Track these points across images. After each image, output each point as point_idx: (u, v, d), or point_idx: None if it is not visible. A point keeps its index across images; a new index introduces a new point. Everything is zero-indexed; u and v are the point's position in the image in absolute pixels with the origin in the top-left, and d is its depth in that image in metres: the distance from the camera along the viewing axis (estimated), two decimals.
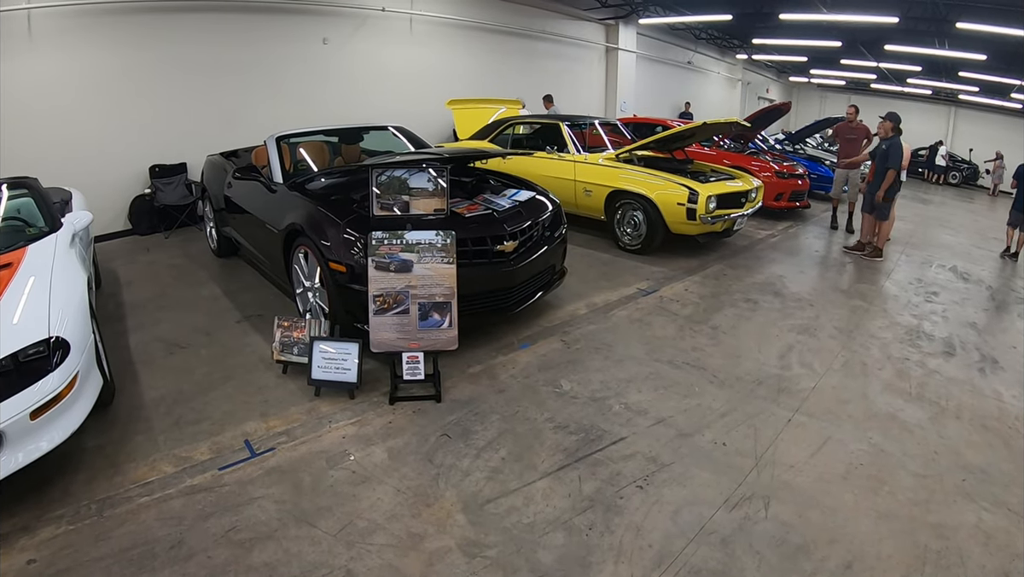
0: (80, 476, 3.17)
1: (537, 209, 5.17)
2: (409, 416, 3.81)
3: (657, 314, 5.68)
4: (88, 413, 3.17)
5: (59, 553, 2.64)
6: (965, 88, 22.08)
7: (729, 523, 2.96)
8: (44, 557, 2.62)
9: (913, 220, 12.13)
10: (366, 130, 6.65)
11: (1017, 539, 2.98)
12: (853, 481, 3.36)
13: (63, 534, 2.75)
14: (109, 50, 7.55)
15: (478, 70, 12.85)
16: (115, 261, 6.88)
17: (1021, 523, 3.10)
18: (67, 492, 3.04)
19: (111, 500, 2.99)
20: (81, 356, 3.15)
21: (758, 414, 4.02)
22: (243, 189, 5.81)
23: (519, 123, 9.45)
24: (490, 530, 2.85)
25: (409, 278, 3.94)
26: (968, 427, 4.06)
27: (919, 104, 27.16)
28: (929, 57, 17.01)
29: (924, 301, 6.71)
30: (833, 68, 23.47)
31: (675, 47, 20.09)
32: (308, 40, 9.80)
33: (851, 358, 5.00)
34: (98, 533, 2.76)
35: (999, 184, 22.53)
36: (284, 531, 2.80)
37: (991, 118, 25.71)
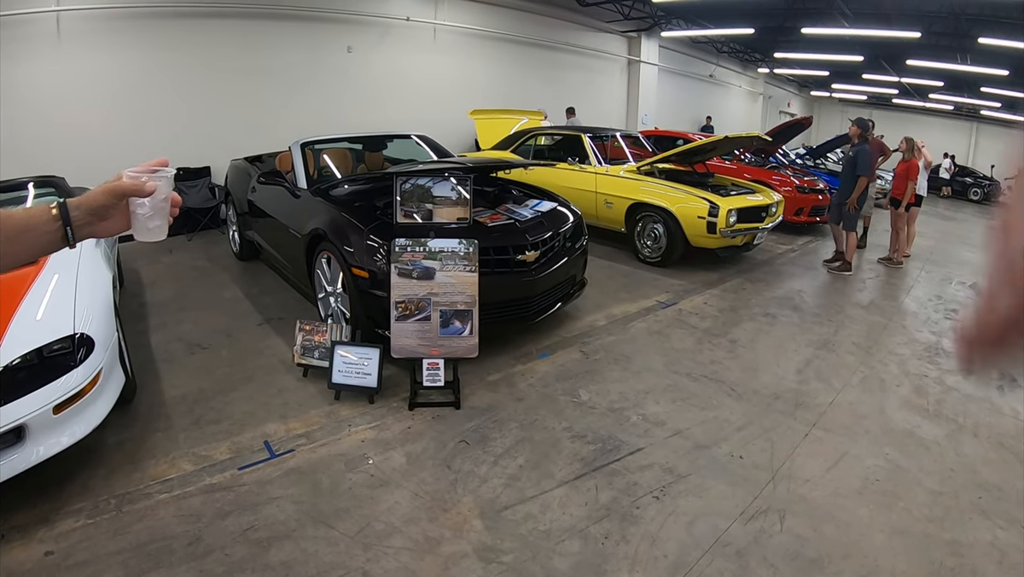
0: (100, 471, 3.24)
1: (559, 220, 5.21)
2: (428, 422, 3.85)
3: (676, 327, 5.69)
4: (110, 409, 3.24)
5: (77, 546, 2.69)
6: (987, 104, 21.96)
7: (744, 535, 2.97)
8: (62, 549, 2.67)
9: (933, 236, 12.03)
10: (390, 138, 6.72)
11: None
12: (869, 496, 3.36)
13: (81, 527, 2.81)
14: (136, 53, 7.70)
15: (501, 80, 12.95)
16: (138, 261, 6.99)
17: None
18: (87, 486, 3.11)
19: (130, 496, 3.05)
20: (105, 353, 3.22)
21: (775, 428, 4.02)
22: (267, 194, 5.89)
23: (541, 134, 9.50)
24: (506, 536, 2.88)
25: (431, 285, 3.99)
26: (985, 445, 4.04)
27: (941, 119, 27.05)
28: (951, 72, 16.96)
29: (943, 318, 6.67)
30: (855, 83, 23.45)
31: (697, 60, 20.16)
32: (333, 48, 9.95)
33: (869, 374, 4.98)
34: (116, 528, 2.82)
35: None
36: (302, 531, 2.84)
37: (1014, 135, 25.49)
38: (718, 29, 16.24)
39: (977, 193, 24.15)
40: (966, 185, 24.41)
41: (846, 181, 8.02)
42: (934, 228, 13.11)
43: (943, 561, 2.89)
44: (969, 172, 25.16)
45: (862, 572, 2.78)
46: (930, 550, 2.96)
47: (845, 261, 8.18)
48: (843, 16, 12.72)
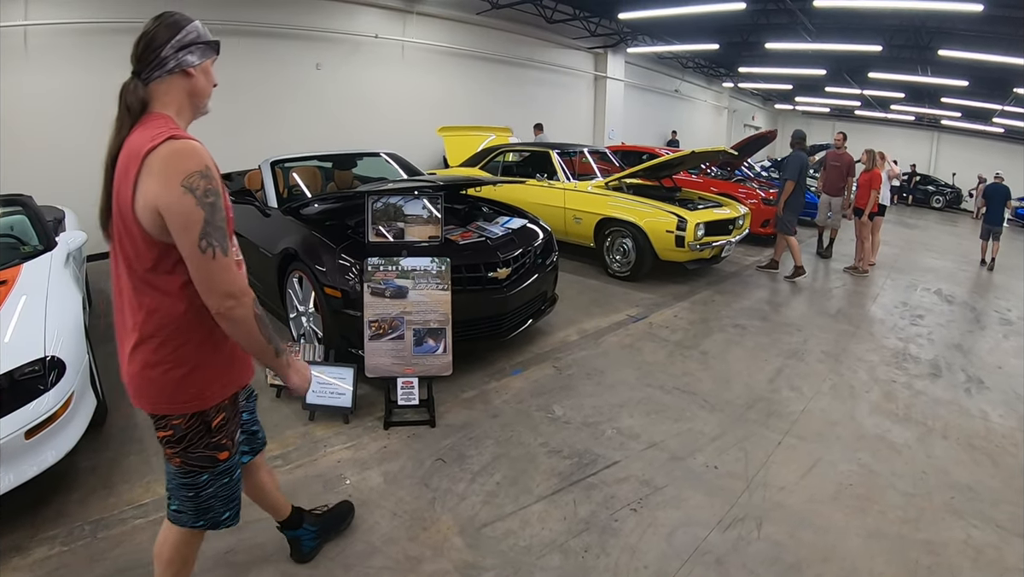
0: (74, 496, 3.17)
1: (529, 236, 5.24)
2: (404, 441, 3.83)
3: (647, 340, 5.74)
4: (82, 433, 3.18)
5: (53, 574, 2.63)
6: (948, 114, 22.49)
7: (723, 544, 3.00)
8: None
9: (898, 244, 12.30)
10: (359, 156, 6.70)
11: (1006, 554, 3.03)
12: (843, 501, 3.41)
13: (57, 555, 2.75)
14: (103, 70, 7.55)
15: (469, 97, 13.01)
16: (105, 281, 6.76)
17: (1009, 539, 3.15)
18: (61, 512, 3.04)
19: (105, 521, 2.99)
20: (76, 376, 3.17)
21: (749, 437, 4.06)
22: (236, 213, 5.79)
23: (509, 151, 9.55)
24: (487, 553, 2.87)
25: (404, 304, 3.98)
26: (955, 446, 4.13)
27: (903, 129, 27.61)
28: (912, 84, 17.36)
29: (910, 324, 6.81)
30: (818, 95, 23.88)
31: (663, 75, 20.41)
32: (301, 65, 9.92)
33: (839, 381, 5.07)
34: (92, 554, 2.76)
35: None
36: (282, 553, 2.80)
37: (973, 142, 26.13)
38: (683, 45, 16.47)
39: (939, 201, 24.70)
40: (928, 193, 24.98)
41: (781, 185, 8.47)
42: (898, 236, 13.40)
43: (919, 560, 2.95)
44: (931, 180, 25.75)
45: (841, 575, 2.83)
46: (906, 551, 3.02)
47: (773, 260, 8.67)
48: (806, 31, 12.98)
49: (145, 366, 1.87)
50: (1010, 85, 15.29)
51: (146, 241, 1.77)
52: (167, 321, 1.85)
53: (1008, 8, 10.52)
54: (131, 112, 1.84)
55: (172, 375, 1.88)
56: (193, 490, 2.06)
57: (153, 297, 1.84)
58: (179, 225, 1.70)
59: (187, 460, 2.00)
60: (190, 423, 1.95)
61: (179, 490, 2.07)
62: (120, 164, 1.79)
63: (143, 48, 1.87)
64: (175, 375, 1.88)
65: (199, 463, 2.02)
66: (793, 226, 8.32)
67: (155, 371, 1.87)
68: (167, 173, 1.70)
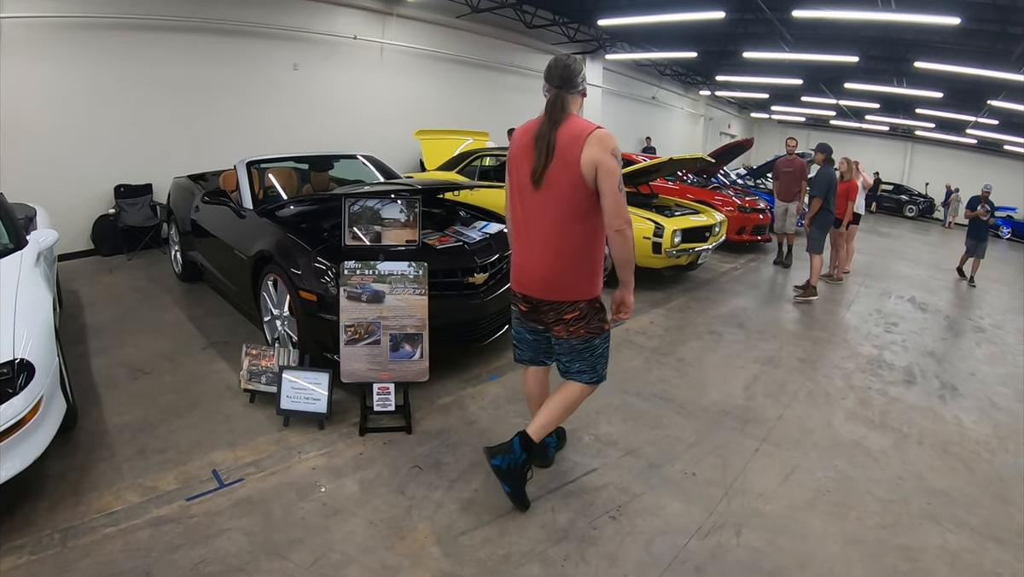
0: (42, 504, 3.07)
1: (507, 242, 5.18)
2: (380, 447, 3.77)
3: (624, 346, 5.72)
4: (51, 439, 3.09)
5: None
6: (922, 124, 22.83)
7: (702, 551, 2.98)
8: None
9: (871, 252, 12.43)
10: (336, 158, 6.63)
11: (982, 559, 3.07)
12: (821, 507, 3.42)
13: (25, 564, 2.66)
14: (80, 66, 7.50)
15: (447, 101, 12.96)
16: (76, 282, 6.74)
17: (985, 543, 3.19)
18: (29, 521, 2.94)
19: (75, 530, 2.90)
20: (46, 379, 3.06)
21: (726, 444, 4.06)
22: (211, 213, 5.76)
23: (486, 155, 9.51)
24: (465, 562, 2.83)
25: (381, 309, 3.93)
26: (930, 452, 4.17)
27: (877, 140, 27.97)
28: (887, 95, 17.60)
29: (884, 331, 6.88)
30: (794, 105, 24.10)
31: (640, 82, 20.50)
32: (278, 65, 9.82)
33: (815, 388, 5.09)
34: (62, 564, 2.67)
35: (955, 218, 23.25)
36: (255, 564, 2.74)
37: (947, 153, 26.57)
38: (662, 52, 16.55)
39: (912, 210, 25.07)
40: (901, 202, 25.34)
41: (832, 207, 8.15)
42: (872, 244, 13.55)
43: (896, 566, 2.97)
44: (904, 190, 26.12)
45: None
46: (884, 556, 3.04)
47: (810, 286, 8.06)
48: (784, 41, 13.10)
49: (564, 270, 2.99)
50: (984, 97, 15.52)
51: (583, 188, 2.83)
52: (581, 241, 2.96)
53: (984, 22, 10.73)
54: (561, 111, 2.89)
55: (582, 275, 3.03)
56: (589, 352, 3.18)
57: (575, 226, 2.92)
58: (607, 173, 2.78)
59: (589, 330, 3.12)
60: (590, 304, 3.11)
61: (581, 355, 3.19)
62: (563, 140, 2.82)
63: (567, 76, 2.93)
64: (584, 275, 3.04)
65: (595, 331, 3.15)
66: (822, 244, 8.17)
67: (572, 273, 3.01)
68: (601, 146, 2.78)
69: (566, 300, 3.04)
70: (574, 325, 3.08)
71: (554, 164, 2.82)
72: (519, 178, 3.00)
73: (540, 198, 2.91)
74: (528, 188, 2.93)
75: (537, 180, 2.88)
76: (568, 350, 3.18)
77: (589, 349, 3.17)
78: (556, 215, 2.89)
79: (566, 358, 3.23)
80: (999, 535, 3.27)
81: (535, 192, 2.91)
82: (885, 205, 25.04)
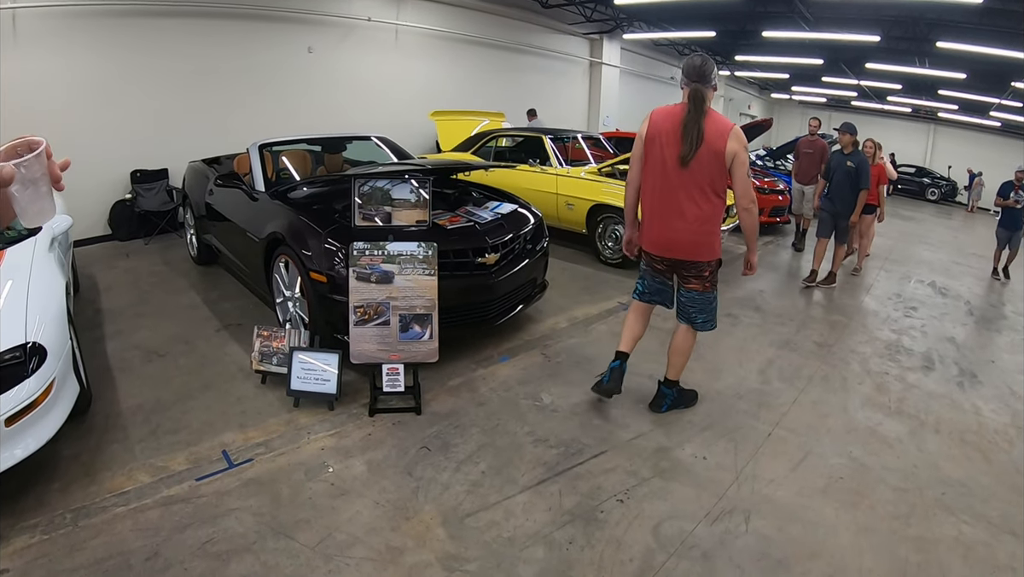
0: (55, 485, 3.10)
1: (519, 222, 5.17)
2: (388, 428, 3.78)
3: None
4: (64, 421, 3.11)
5: (33, 563, 2.58)
6: (944, 106, 22.43)
7: (710, 537, 2.95)
8: (17, 567, 2.55)
9: (892, 236, 12.25)
10: (349, 140, 6.62)
11: (997, 552, 2.99)
12: (833, 495, 3.37)
13: (37, 544, 2.69)
14: (94, 53, 7.51)
15: (462, 82, 12.89)
16: (94, 266, 6.80)
17: (1000, 536, 3.11)
18: (41, 501, 2.97)
19: (86, 509, 2.93)
20: (58, 362, 3.09)
21: (738, 428, 4.02)
22: (224, 197, 5.77)
23: (502, 136, 9.46)
24: (470, 544, 2.83)
25: (390, 289, 3.92)
26: (947, 441, 4.09)
27: (899, 121, 27.55)
28: (909, 75, 17.28)
29: (903, 316, 6.78)
30: (814, 85, 23.77)
31: (658, 62, 20.29)
32: (293, 48, 9.79)
33: (831, 373, 5.03)
34: (73, 543, 2.70)
35: (978, 201, 22.88)
36: (262, 543, 2.76)
37: (970, 136, 26.09)
38: (679, 32, 16.35)
39: (934, 193, 24.71)
40: (923, 185, 24.97)
41: (845, 194, 7.46)
42: (893, 228, 13.34)
43: (909, 558, 2.91)
44: (927, 172, 25.73)
45: (829, 571, 2.78)
46: (896, 547, 2.98)
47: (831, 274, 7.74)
48: (803, 20, 12.89)
49: (699, 235, 3.66)
50: (1008, 79, 15.21)
51: (722, 172, 3.55)
52: (713, 213, 3.65)
53: (1007, 1, 10.44)
54: (703, 103, 3.52)
55: (711, 239, 3.72)
56: (710, 304, 3.90)
57: (710, 201, 3.62)
58: (740, 163, 3.52)
59: (713, 285, 3.86)
60: (714, 264, 3.82)
61: (706, 306, 3.89)
62: (711, 132, 3.48)
63: (703, 72, 3.57)
64: (712, 240, 3.72)
65: (714, 286, 3.88)
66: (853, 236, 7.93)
67: (706, 238, 3.69)
68: (739, 140, 3.51)
69: (704, 260, 3.74)
70: (701, 281, 3.81)
71: (702, 150, 3.48)
72: (663, 157, 3.61)
73: (685, 175, 3.56)
74: (675, 166, 3.56)
75: (686, 161, 3.51)
76: (697, 302, 3.87)
77: (710, 300, 3.89)
78: (699, 190, 3.58)
79: (693, 310, 3.90)
80: (1015, 528, 3.20)
81: (682, 170, 3.55)
82: (907, 189, 24.67)
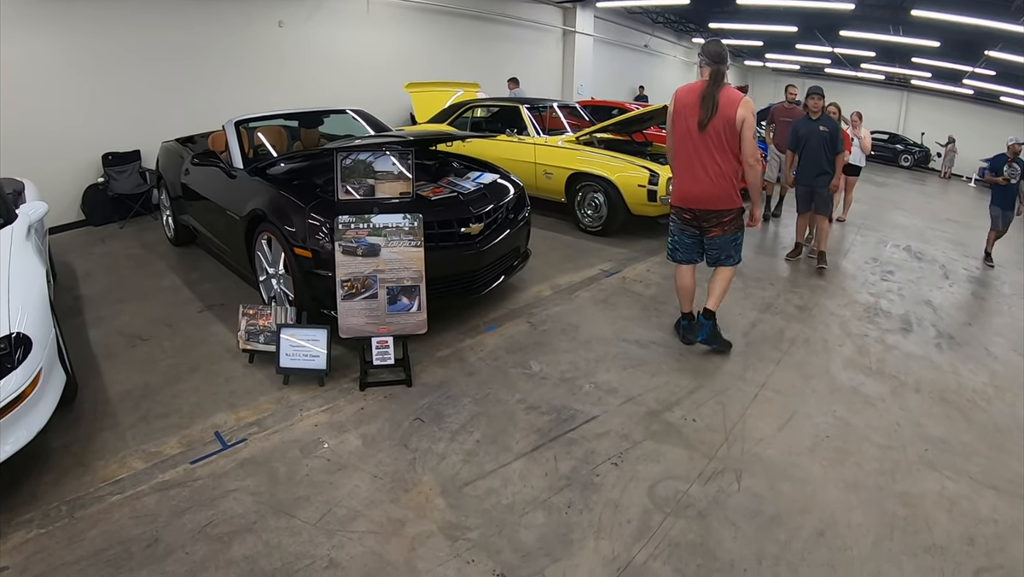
0: (48, 477, 3.06)
1: (501, 192, 5.16)
2: (381, 401, 3.78)
3: (621, 295, 5.73)
4: (52, 411, 3.05)
5: (32, 558, 2.54)
6: (918, 74, 22.53)
7: (704, 496, 3.01)
8: (17, 563, 2.52)
9: (868, 202, 12.37)
10: (325, 114, 6.53)
11: (979, 505, 3.09)
12: (820, 453, 3.44)
13: (34, 538, 2.65)
14: (58, 35, 7.31)
15: (436, 53, 12.75)
16: (70, 254, 6.68)
17: (982, 491, 3.21)
18: (35, 495, 2.93)
19: (81, 500, 2.90)
20: (44, 352, 3.02)
21: (725, 390, 4.08)
22: (201, 176, 5.69)
23: (478, 106, 9.38)
24: (470, 512, 2.85)
25: (377, 262, 3.90)
26: (928, 400, 4.18)
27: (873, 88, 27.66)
28: (883, 43, 17.30)
29: (880, 280, 6.87)
30: (788, 53, 23.75)
31: (632, 31, 20.15)
32: (263, 23, 9.61)
33: (812, 335, 5.10)
34: (71, 535, 2.67)
35: (951, 168, 23.15)
36: (262, 523, 2.76)
37: (943, 103, 26.29)
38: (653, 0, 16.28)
39: (908, 160, 24.93)
40: (897, 152, 25.18)
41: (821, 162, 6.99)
42: (868, 194, 13.47)
43: (896, 512, 2.99)
44: (900, 139, 25.93)
45: (820, 526, 2.85)
46: (883, 502, 3.06)
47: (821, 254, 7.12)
48: None
49: (723, 189, 4.30)
50: (981, 47, 15.29)
51: (734, 135, 4.18)
52: (731, 170, 4.30)
53: None
54: (721, 79, 4.20)
55: (732, 191, 4.34)
56: (736, 242, 4.53)
57: (729, 159, 4.27)
58: (748, 126, 4.15)
59: (738, 226, 4.48)
60: (739, 210, 4.44)
61: (733, 244, 4.52)
62: (724, 101, 4.15)
63: (723, 56, 4.22)
64: (733, 191, 4.34)
65: (739, 227, 4.50)
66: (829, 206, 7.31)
67: (727, 191, 4.32)
68: (748, 108, 4.15)
69: (725, 208, 4.38)
70: (729, 225, 4.44)
71: (717, 117, 4.15)
72: (688, 125, 4.27)
73: (705, 138, 4.22)
74: (696, 131, 4.23)
75: (703, 126, 4.19)
76: (721, 245, 4.51)
77: (735, 240, 4.52)
78: (717, 149, 4.23)
79: (716, 252, 4.55)
80: (996, 483, 3.30)
81: (701, 134, 4.22)
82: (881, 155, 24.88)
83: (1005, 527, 2.96)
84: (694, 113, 4.22)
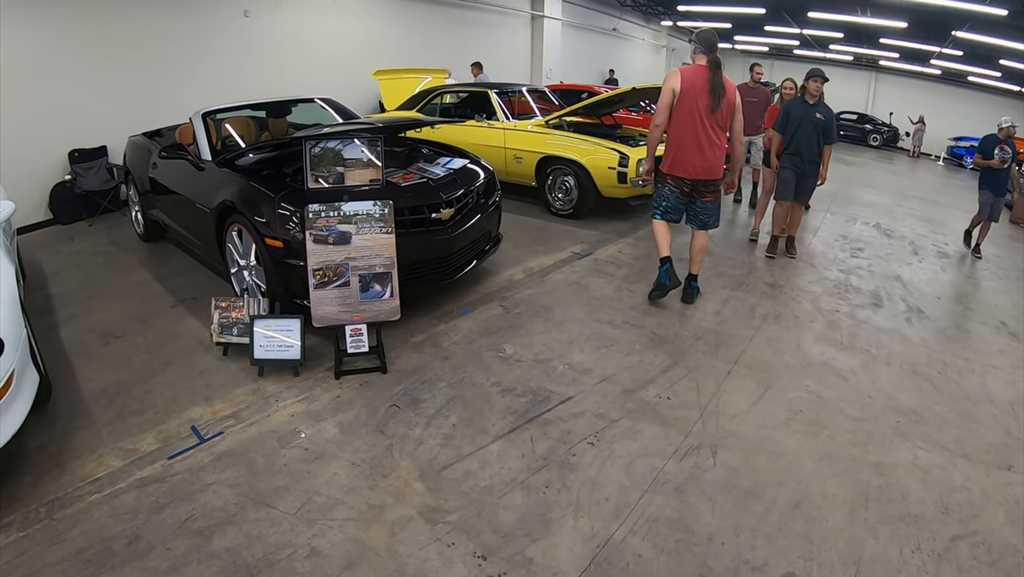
0: (25, 479, 3.01)
1: (471, 176, 5.15)
2: (356, 389, 3.78)
3: (593, 276, 5.76)
4: (27, 413, 2.99)
5: (13, 562, 2.51)
6: (886, 55, 22.76)
7: (680, 472, 3.04)
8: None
9: (837, 180, 12.46)
10: (293, 103, 6.46)
11: (952, 474, 3.17)
12: (794, 427, 3.50)
13: (15, 541, 2.62)
14: (17, 29, 7.16)
15: (404, 40, 12.64)
16: (38, 253, 6.55)
17: (955, 460, 3.29)
18: (13, 497, 2.89)
19: (60, 501, 2.86)
20: (16, 353, 2.95)
21: (699, 367, 4.13)
22: (169, 169, 5.61)
23: (447, 92, 9.34)
24: (449, 495, 2.86)
25: (348, 250, 3.88)
26: (899, 372, 4.26)
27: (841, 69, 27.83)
28: (851, 24, 17.46)
29: (850, 256, 6.97)
30: (757, 34, 23.87)
31: (600, 14, 20.10)
32: (229, 13, 9.45)
33: (783, 311, 5.17)
34: (51, 537, 2.64)
35: (920, 147, 23.43)
36: (243, 515, 2.75)
37: (911, 83, 26.58)
38: None
39: (876, 139, 25.19)
40: (866, 131, 25.43)
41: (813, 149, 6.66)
42: (837, 173, 13.53)
43: (870, 481, 3.06)
44: (869, 119, 26.19)
45: (796, 498, 2.91)
46: (857, 472, 3.13)
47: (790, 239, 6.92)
48: None
49: (721, 161, 4.94)
50: (949, 28, 15.47)
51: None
52: (725, 145, 4.90)
53: None
54: (722, 67, 4.75)
55: (721, 161, 4.93)
56: (718, 210, 5.14)
57: (724, 136, 4.87)
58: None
59: (718, 196, 5.07)
60: (719, 180, 5.03)
61: (715, 212, 5.11)
62: (729, 86, 4.79)
63: (716, 43, 4.80)
64: (724, 161, 4.95)
65: (718, 195, 5.09)
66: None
67: (719, 160, 4.91)
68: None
69: (719, 178, 5.00)
70: (718, 192, 5.05)
71: (723, 101, 4.72)
72: (698, 106, 4.72)
73: (714, 119, 4.76)
74: (707, 112, 4.72)
75: (714, 109, 4.72)
76: (711, 209, 5.07)
77: (718, 205, 5.12)
78: (721, 129, 4.84)
79: (704, 216, 5.09)
80: (968, 452, 3.37)
81: (711, 115, 4.73)
82: (849, 135, 25.14)
83: (978, 495, 3.03)
84: (704, 96, 4.71)
